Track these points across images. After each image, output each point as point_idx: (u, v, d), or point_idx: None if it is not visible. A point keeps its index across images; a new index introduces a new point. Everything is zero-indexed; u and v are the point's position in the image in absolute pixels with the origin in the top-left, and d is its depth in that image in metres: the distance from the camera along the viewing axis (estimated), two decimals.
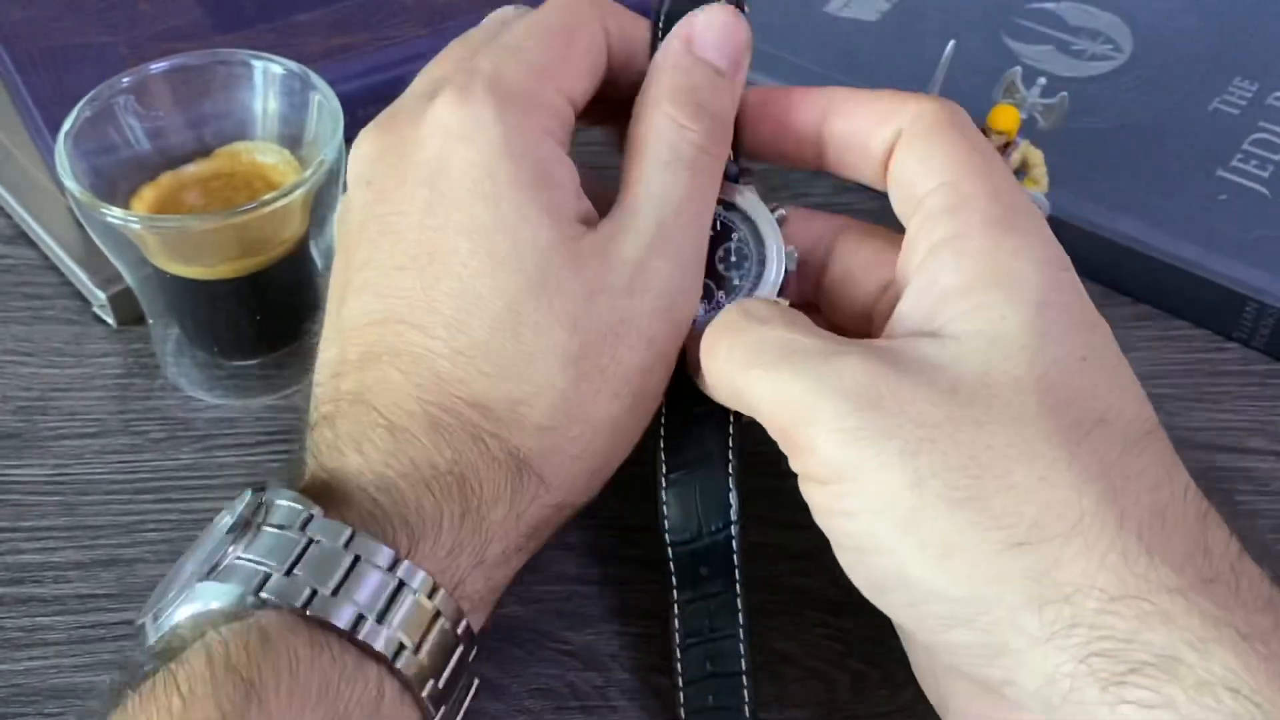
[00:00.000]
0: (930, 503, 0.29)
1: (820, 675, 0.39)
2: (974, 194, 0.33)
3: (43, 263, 0.52)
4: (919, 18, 0.59)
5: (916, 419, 0.30)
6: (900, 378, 0.31)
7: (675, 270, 0.35)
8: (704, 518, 0.37)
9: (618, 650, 0.40)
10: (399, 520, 0.32)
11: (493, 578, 0.34)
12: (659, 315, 0.34)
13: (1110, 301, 0.50)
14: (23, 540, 0.42)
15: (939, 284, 0.33)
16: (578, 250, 0.34)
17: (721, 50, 0.37)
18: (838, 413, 0.31)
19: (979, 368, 0.31)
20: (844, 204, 0.54)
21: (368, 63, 0.53)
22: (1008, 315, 0.31)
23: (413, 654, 0.30)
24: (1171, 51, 0.57)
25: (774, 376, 0.32)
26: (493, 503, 0.33)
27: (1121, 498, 0.29)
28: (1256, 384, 0.47)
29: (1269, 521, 0.43)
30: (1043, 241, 0.33)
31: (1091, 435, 0.30)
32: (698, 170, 0.35)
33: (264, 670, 0.28)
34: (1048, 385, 0.30)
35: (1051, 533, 0.29)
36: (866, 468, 0.30)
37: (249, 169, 0.46)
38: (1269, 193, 0.51)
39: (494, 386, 0.33)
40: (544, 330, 0.33)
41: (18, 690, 0.39)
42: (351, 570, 0.30)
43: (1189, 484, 0.31)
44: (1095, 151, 0.52)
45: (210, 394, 0.47)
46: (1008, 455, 0.30)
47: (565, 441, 0.34)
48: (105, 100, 0.44)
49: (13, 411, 0.46)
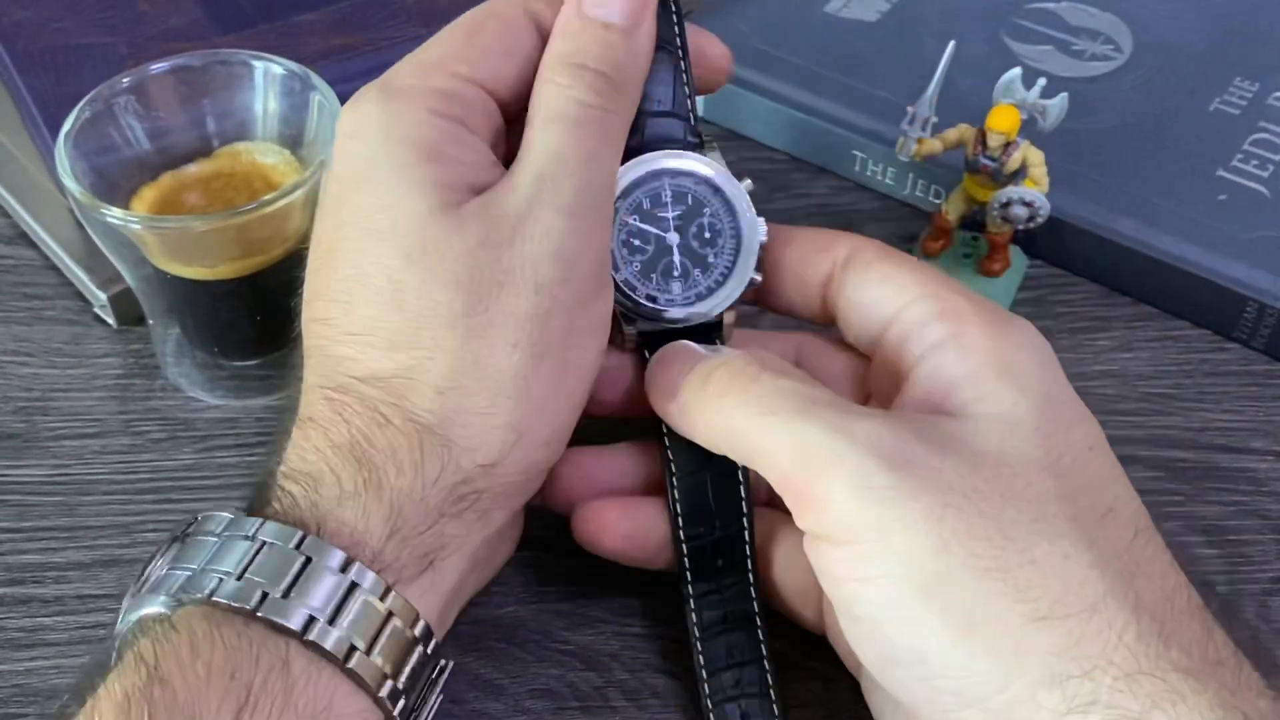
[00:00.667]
0: (955, 570, 0.30)
1: (820, 675, 0.39)
2: (958, 301, 0.35)
3: (43, 263, 0.52)
4: (919, 18, 0.59)
5: (943, 484, 0.30)
6: (926, 445, 0.31)
7: (558, 217, 0.34)
8: (717, 512, 0.37)
9: (618, 650, 0.40)
10: (306, 504, 0.32)
11: (419, 546, 0.33)
12: (544, 260, 0.34)
13: (1110, 301, 0.50)
14: (23, 541, 0.42)
15: (945, 372, 0.34)
16: (459, 214, 0.34)
17: (610, 6, 0.37)
18: (863, 469, 0.31)
19: (998, 446, 0.32)
20: (845, 204, 0.54)
21: (368, 63, 0.53)
22: (1019, 402, 0.33)
23: (281, 596, 0.31)
24: (1171, 51, 0.57)
25: (792, 425, 0.32)
26: (396, 471, 0.33)
27: (1136, 581, 0.30)
28: (1256, 384, 0.47)
29: (1269, 522, 0.43)
30: (1035, 339, 0.35)
31: (1104, 521, 0.31)
32: (580, 122, 0.35)
33: (165, 657, 0.29)
34: (1062, 471, 0.32)
35: (1074, 609, 0.29)
36: (889, 529, 0.30)
37: (249, 169, 0.46)
38: (1269, 193, 0.51)
39: (386, 358, 0.34)
40: (427, 294, 0.33)
41: (19, 690, 0.39)
42: (257, 554, 0.31)
43: (1188, 583, 0.32)
44: (1095, 151, 0.52)
45: (210, 394, 0.47)
46: (1032, 530, 0.30)
47: (466, 400, 0.33)
48: (105, 100, 0.44)
49: (13, 412, 0.46)
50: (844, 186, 0.55)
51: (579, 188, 0.35)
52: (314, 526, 0.32)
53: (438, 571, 0.34)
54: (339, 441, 0.33)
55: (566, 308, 0.34)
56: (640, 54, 0.37)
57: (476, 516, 0.34)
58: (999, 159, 0.46)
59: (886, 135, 0.53)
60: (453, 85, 0.36)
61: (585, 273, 0.35)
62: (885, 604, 0.31)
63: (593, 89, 0.36)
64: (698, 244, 0.38)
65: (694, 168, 0.38)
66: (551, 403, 0.35)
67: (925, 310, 0.35)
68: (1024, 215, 0.46)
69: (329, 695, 0.30)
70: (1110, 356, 0.48)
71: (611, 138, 0.36)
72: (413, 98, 0.35)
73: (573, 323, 0.35)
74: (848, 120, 0.54)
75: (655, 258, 0.38)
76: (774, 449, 0.33)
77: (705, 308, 0.38)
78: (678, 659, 0.39)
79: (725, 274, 0.38)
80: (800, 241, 0.39)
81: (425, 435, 0.33)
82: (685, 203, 0.38)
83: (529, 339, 0.34)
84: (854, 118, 0.54)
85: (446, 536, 0.34)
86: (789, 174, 0.56)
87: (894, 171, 0.54)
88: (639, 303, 0.38)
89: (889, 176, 0.54)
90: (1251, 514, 0.43)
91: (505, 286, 0.34)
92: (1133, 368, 0.48)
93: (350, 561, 0.31)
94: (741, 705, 0.37)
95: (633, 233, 0.37)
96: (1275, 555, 0.42)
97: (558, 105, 0.35)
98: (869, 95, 0.55)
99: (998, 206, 0.46)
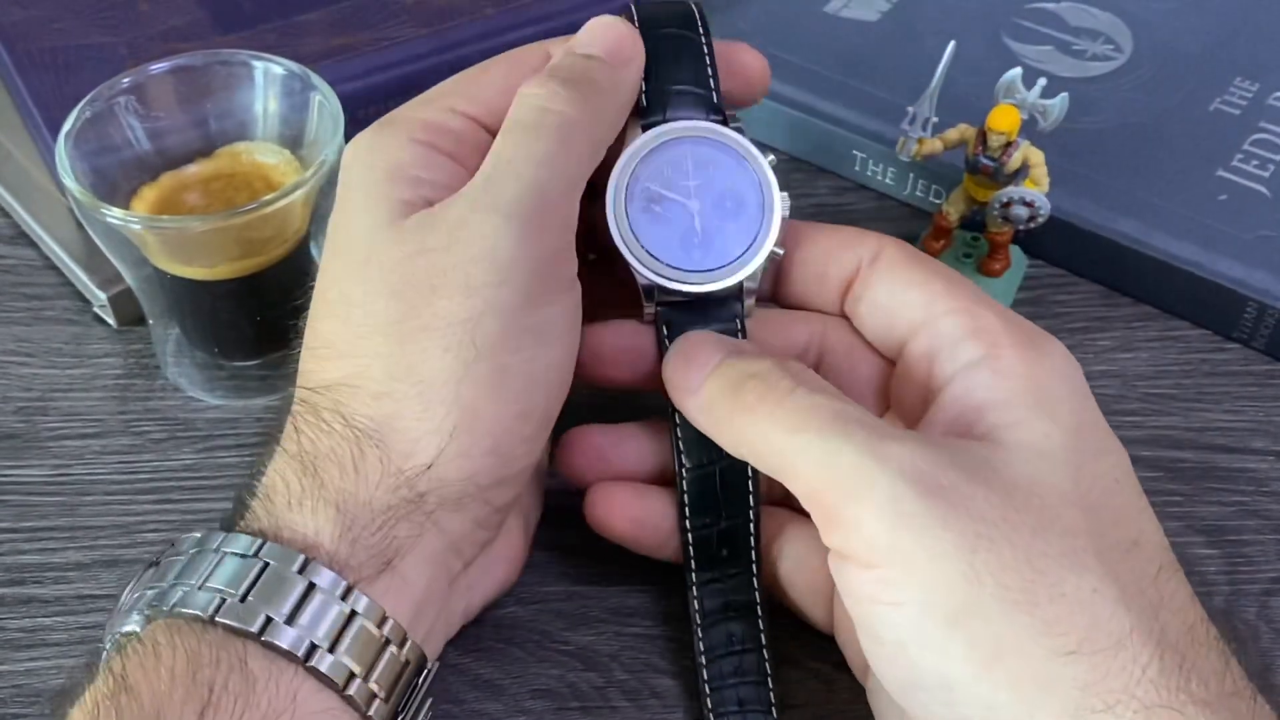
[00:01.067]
0: (984, 601, 0.30)
1: (820, 675, 0.39)
2: (991, 320, 0.35)
3: (43, 263, 0.52)
4: (919, 18, 0.59)
5: (975, 514, 0.30)
6: (958, 470, 0.31)
7: (495, 218, 0.34)
8: (725, 503, 0.37)
9: (618, 650, 0.40)
10: (264, 514, 0.34)
11: (373, 547, 0.33)
12: (476, 262, 0.34)
13: (1110, 301, 0.50)
14: (23, 541, 0.42)
15: (976, 395, 0.34)
16: (403, 225, 0.35)
17: (594, 44, 0.37)
18: (895, 494, 0.30)
19: (1030, 476, 0.32)
20: (845, 204, 0.54)
21: (368, 63, 0.53)
22: (1051, 433, 0.32)
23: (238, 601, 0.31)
24: (1171, 51, 0.57)
25: (826, 444, 0.32)
26: (339, 473, 0.33)
27: (1161, 615, 0.30)
28: (1256, 384, 0.47)
29: (1269, 522, 0.43)
30: (1068, 363, 0.35)
31: (1130, 555, 0.31)
32: (533, 126, 0.35)
33: (131, 667, 0.30)
34: (1091, 504, 0.32)
35: (1101, 645, 0.30)
36: (919, 556, 0.30)
37: (249, 169, 0.46)
38: (1269, 193, 0.51)
39: (334, 367, 0.35)
40: (367, 304, 0.34)
41: (19, 690, 0.39)
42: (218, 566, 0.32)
43: (1205, 616, 0.32)
44: (1095, 151, 0.52)
45: (210, 394, 0.47)
46: (1061, 564, 0.30)
47: (401, 405, 0.34)
48: (105, 100, 0.44)
49: (13, 412, 0.46)
50: (844, 186, 0.55)
51: (524, 190, 0.34)
52: (271, 534, 0.33)
53: (398, 573, 0.34)
54: (291, 451, 0.34)
55: (504, 310, 0.34)
56: (620, 80, 0.37)
57: (424, 518, 0.34)
58: (999, 159, 0.46)
59: (886, 135, 0.53)
60: (441, 117, 0.36)
61: (527, 274, 0.34)
62: (911, 629, 0.31)
63: (553, 94, 0.36)
64: (719, 214, 0.37)
65: (718, 137, 0.37)
66: (490, 408, 0.34)
67: (956, 326, 0.35)
68: (1024, 215, 0.46)
69: (291, 693, 0.31)
70: (1110, 356, 0.48)
71: (572, 142, 0.35)
72: (399, 127, 0.36)
73: (512, 326, 0.34)
74: (848, 120, 0.54)
75: (676, 226, 0.37)
76: (804, 467, 0.32)
77: (726, 278, 0.37)
78: (678, 659, 0.39)
79: (747, 245, 0.37)
80: (824, 237, 0.38)
81: (363, 439, 0.33)
82: (707, 171, 0.37)
83: (462, 342, 0.34)
84: (854, 118, 0.54)
85: (400, 539, 0.34)
86: (789, 174, 0.56)
87: (894, 171, 0.54)
88: (659, 271, 0.37)
89: (889, 176, 0.54)
90: (1251, 514, 0.43)
91: (439, 290, 0.34)
92: (1133, 368, 0.48)
93: (308, 563, 0.32)
94: (740, 691, 0.37)
95: (654, 199, 0.37)
96: (1275, 555, 0.42)
97: (516, 113, 0.36)
98: (869, 95, 0.55)
99: (998, 206, 0.46)
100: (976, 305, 0.35)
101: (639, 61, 0.37)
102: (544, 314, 0.35)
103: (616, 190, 0.37)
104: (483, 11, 0.56)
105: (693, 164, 0.37)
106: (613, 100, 0.37)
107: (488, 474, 0.34)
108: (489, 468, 0.34)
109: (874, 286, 0.37)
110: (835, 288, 0.38)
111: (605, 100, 0.37)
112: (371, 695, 0.32)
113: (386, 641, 0.32)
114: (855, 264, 0.38)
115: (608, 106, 0.37)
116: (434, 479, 0.34)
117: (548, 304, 0.35)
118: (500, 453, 0.35)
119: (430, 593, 0.35)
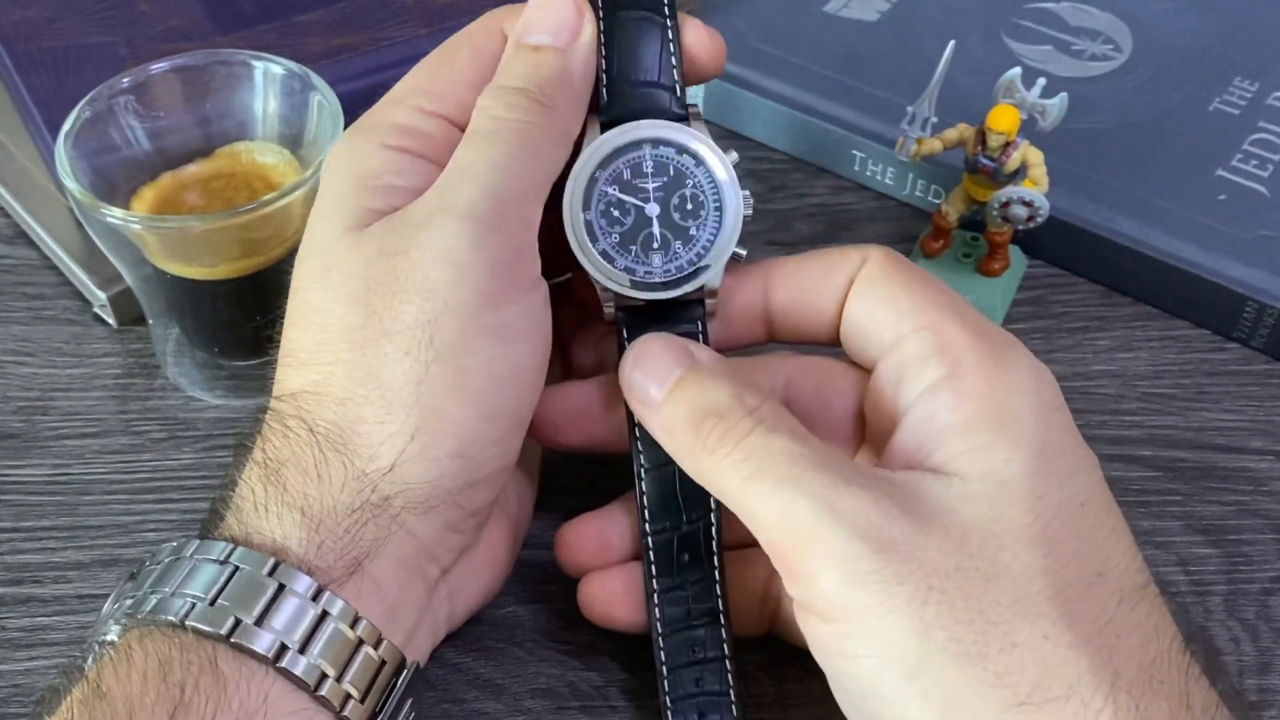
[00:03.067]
0: (935, 655, 0.30)
1: (820, 675, 0.39)
2: (957, 335, 0.34)
3: (43, 263, 0.52)
4: (919, 18, 0.59)
5: (927, 566, 0.30)
6: (912, 521, 0.31)
7: (450, 220, 0.34)
8: (684, 506, 0.37)
9: (618, 650, 0.40)
10: (234, 521, 0.34)
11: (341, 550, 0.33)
12: (432, 263, 0.34)
13: (1110, 301, 0.50)
14: (23, 540, 0.42)
15: (937, 420, 0.33)
16: (364, 231, 0.35)
17: (542, 28, 0.37)
18: (849, 553, 0.31)
19: (986, 514, 0.31)
20: (845, 204, 0.54)
21: (368, 63, 0.53)
22: (1012, 458, 0.32)
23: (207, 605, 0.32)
24: (1171, 51, 0.57)
25: (781, 495, 0.32)
26: (301, 477, 0.33)
27: (1115, 657, 0.30)
28: (1256, 384, 0.47)
29: (1269, 522, 0.43)
30: (1035, 377, 0.34)
31: (1091, 589, 0.31)
32: (490, 134, 0.35)
33: (105, 673, 0.31)
34: (1050, 537, 0.31)
35: (1052, 694, 0.30)
36: (873, 612, 0.30)
37: (249, 169, 0.46)
38: (1269, 193, 0.51)
39: (298, 375, 0.35)
40: (328, 310, 0.35)
41: (18, 690, 0.39)
42: (191, 573, 0.33)
43: (1175, 636, 0.32)
44: (1095, 151, 0.52)
45: (210, 394, 0.47)
46: (1013, 612, 0.30)
47: (365, 410, 0.34)
48: (105, 100, 0.44)
49: (13, 411, 0.46)
50: (844, 186, 0.55)
51: (480, 192, 0.34)
52: (242, 540, 0.33)
53: (369, 575, 0.34)
54: (258, 459, 0.34)
55: (462, 311, 0.34)
56: (572, 69, 0.37)
57: (390, 521, 0.34)
58: (999, 159, 0.46)
59: (886, 135, 0.53)
60: (412, 119, 0.37)
61: (485, 274, 0.34)
62: (870, 681, 0.31)
63: (506, 104, 0.36)
64: (679, 216, 0.37)
65: (677, 138, 0.37)
66: (452, 410, 0.34)
67: (921, 345, 0.35)
68: (1024, 215, 0.46)
69: (263, 694, 0.31)
70: (1110, 356, 0.48)
71: (529, 147, 0.35)
72: (370, 133, 0.37)
73: (472, 326, 0.34)
74: (848, 120, 0.54)
75: (635, 229, 0.37)
76: (763, 516, 0.32)
77: (685, 284, 0.37)
78: None
79: (707, 248, 0.37)
80: (804, 270, 0.38)
81: (325, 444, 0.34)
82: (667, 174, 0.37)
83: (419, 345, 0.34)
84: (854, 118, 0.54)
85: (367, 542, 0.33)
86: (789, 174, 0.56)
87: (894, 171, 0.54)
88: (614, 278, 0.36)
89: (889, 176, 0.54)
90: (1251, 514, 0.43)
91: (397, 294, 0.34)
92: (1133, 368, 0.48)
93: (278, 566, 0.32)
94: (699, 702, 0.36)
95: (612, 203, 0.37)
96: (1275, 555, 0.42)
97: (474, 124, 0.36)
98: (869, 95, 0.55)
99: (997, 206, 0.46)
100: (943, 320, 0.35)
101: (589, 38, 0.37)
102: (505, 314, 0.34)
103: (573, 196, 0.37)
104: (481, 11, 0.56)
105: (653, 166, 0.37)
106: (567, 89, 0.37)
107: (454, 477, 0.34)
108: (456, 470, 0.34)
109: (851, 304, 0.37)
110: (830, 319, 0.37)
111: (559, 93, 0.36)
112: (346, 696, 0.32)
113: (360, 642, 0.32)
114: (842, 287, 0.37)
115: (563, 99, 0.37)
116: (397, 482, 0.34)
117: (509, 303, 0.35)
118: (467, 455, 0.34)
119: (405, 596, 0.35)
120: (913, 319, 0.35)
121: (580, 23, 0.37)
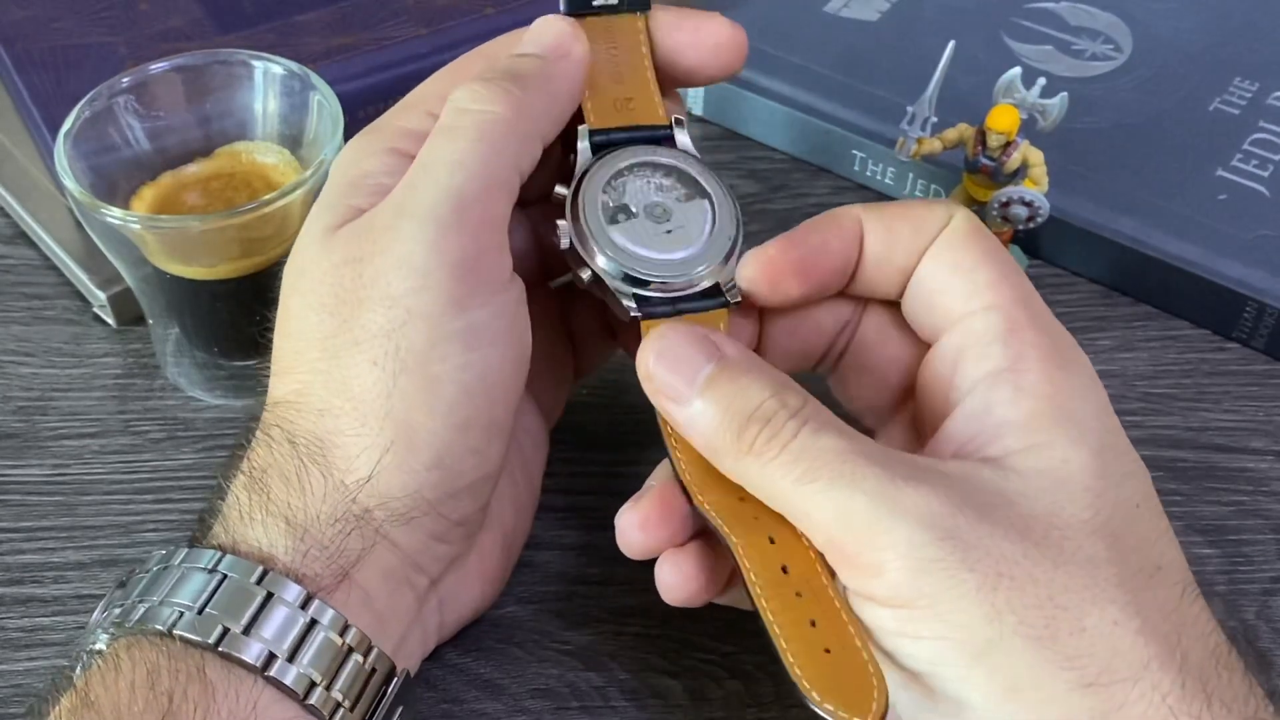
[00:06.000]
0: (1006, 637, 0.30)
1: None
2: (1024, 323, 0.34)
3: (43, 263, 0.52)
4: (919, 18, 0.59)
5: (995, 554, 0.30)
6: (974, 511, 0.31)
7: (410, 223, 0.33)
8: None
9: (618, 650, 0.40)
10: (221, 530, 0.34)
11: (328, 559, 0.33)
12: (395, 269, 0.33)
13: (1110, 301, 0.50)
14: (23, 540, 0.42)
15: (996, 413, 0.33)
16: (335, 235, 0.35)
17: (534, 43, 0.37)
18: (915, 541, 0.30)
19: (1048, 508, 0.31)
20: (843, 204, 0.54)
21: (368, 63, 0.53)
22: (1070, 459, 0.32)
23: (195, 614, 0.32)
24: (1171, 51, 0.57)
25: (837, 495, 0.31)
26: (284, 486, 0.33)
27: (1183, 642, 0.31)
28: (1256, 384, 0.47)
29: (1269, 522, 0.43)
30: (1093, 380, 0.34)
31: (1153, 581, 0.31)
32: (450, 129, 0.35)
33: (93, 682, 0.31)
34: (1112, 531, 0.31)
35: (1120, 676, 0.30)
36: (942, 598, 0.30)
37: (249, 169, 0.46)
38: (1269, 193, 0.51)
39: (280, 384, 0.35)
40: (302, 318, 0.35)
41: (18, 690, 0.39)
42: (179, 581, 0.33)
43: (1223, 634, 0.32)
44: (1095, 151, 0.52)
45: (210, 394, 0.47)
46: (1082, 598, 0.30)
47: (341, 421, 0.33)
48: (105, 100, 0.44)
49: (13, 411, 0.46)
50: (844, 186, 0.55)
51: (439, 193, 0.34)
52: (230, 548, 0.33)
53: (357, 584, 0.33)
54: (244, 468, 0.34)
55: (425, 319, 0.33)
56: (552, 74, 0.36)
57: (373, 532, 0.34)
58: (999, 159, 0.46)
59: (886, 135, 0.53)
60: (420, 124, 0.36)
61: (448, 278, 0.33)
62: (933, 660, 0.31)
63: (472, 93, 0.35)
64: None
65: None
66: (425, 421, 0.33)
67: (989, 327, 0.34)
68: (1024, 215, 0.46)
69: (251, 702, 0.31)
70: (1110, 356, 0.48)
71: (491, 141, 0.34)
72: (377, 136, 0.37)
73: (437, 333, 0.33)
74: (848, 120, 0.54)
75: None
76: (818, 516, 0.31)
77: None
78: (678, 659, 0.39)
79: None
80: (900, 222, 0.36)
81: (304, 454, 0.34)
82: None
83: (385, 355, 0.33)
84: (854, 118, 0.54)
85: (352, 551, 0.33)
86: (789, 174, 0.56)
87: (894, 171, 0.54)
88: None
89: (889, 176, 0.54)
90: (1251, 514, 0.43)
91: (364, 302, 0.33)
92: (1133, 368, 0.48)
93: (266, 574, 0.32)
94: None
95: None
96: (1275, 555, 0.42)
97: (440, 119, 0.35)
98: (869, 95, 0.55)
99: (997, 206, 0.46)
100: (1015, 304, 0.34)
101: (578, 55, 0.37)
102: (472, 318, 0.34)
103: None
104: (483, 11, 0.56)
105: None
106: (544, 91, 0.36)
107: (434, 488, 0.34)
108: (434, 481, 0.34)
109: (925, 266, 0.35)
110: (903, 276, 0.36)
111: (534, 93, 0.36)
112: (335, 704, 0.32)
113: (349, 650, 0.32)
114: (926, 244, 0.35)
115: (536, 100, 0.36)
116: (376, 493, 0.33)
117: (477, 307, 0.34)
118: (444, 466, 0.34)
119: (394, 605, 0.35)
120: (985, 295, 0.34)
121: (572, 43, 0.37)
